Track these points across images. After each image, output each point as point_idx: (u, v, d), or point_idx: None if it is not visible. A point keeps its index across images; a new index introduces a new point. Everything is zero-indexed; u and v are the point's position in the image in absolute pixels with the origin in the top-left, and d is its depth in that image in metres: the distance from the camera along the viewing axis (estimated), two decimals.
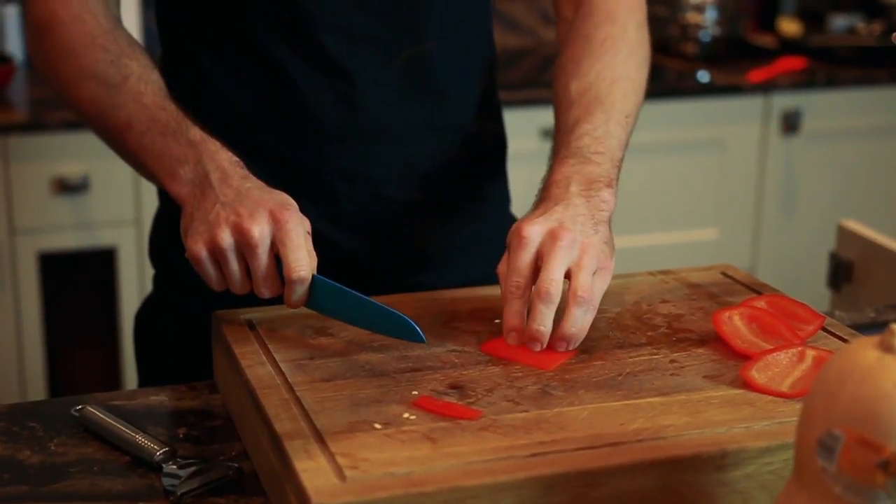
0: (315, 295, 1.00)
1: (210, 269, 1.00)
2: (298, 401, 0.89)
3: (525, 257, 0.98)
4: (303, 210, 1.01)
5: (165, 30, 1.23)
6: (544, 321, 0.97)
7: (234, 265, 0.99)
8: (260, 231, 0.97)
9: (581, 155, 1.07)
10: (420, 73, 1.19)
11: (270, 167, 1.14)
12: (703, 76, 2.77)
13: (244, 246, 0.98)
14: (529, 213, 1.03)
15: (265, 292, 1.00)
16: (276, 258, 0.99)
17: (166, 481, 0.88)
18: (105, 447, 0.95)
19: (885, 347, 0.68)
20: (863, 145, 2.87)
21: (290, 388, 0.92)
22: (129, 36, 1.14)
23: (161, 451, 0.91)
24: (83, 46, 1.10)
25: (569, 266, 0.98)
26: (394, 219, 1.21)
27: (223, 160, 1.03)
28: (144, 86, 1.08)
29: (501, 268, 1.01)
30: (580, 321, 0.97)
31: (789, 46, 3.00)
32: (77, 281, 2.46)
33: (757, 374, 0.93)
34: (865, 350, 0.68)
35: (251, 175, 1.03)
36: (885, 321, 1.27)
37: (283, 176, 1.14)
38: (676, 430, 0.85)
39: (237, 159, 1.04)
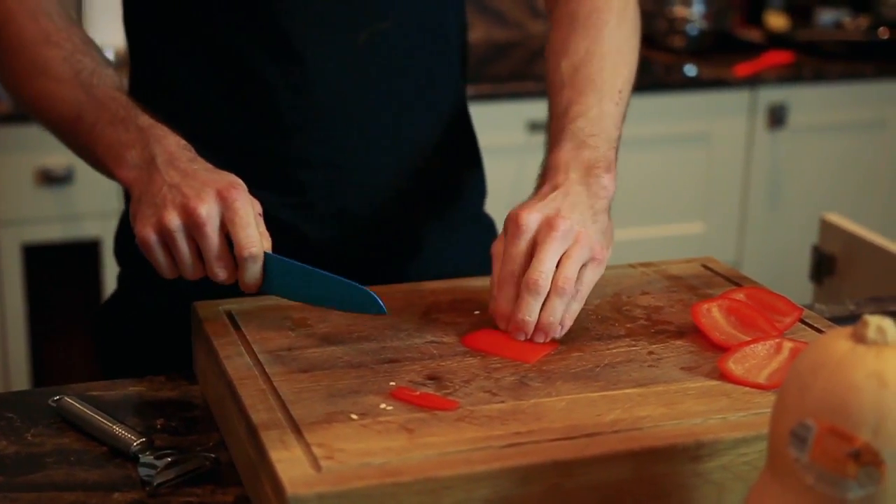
0: (269, 275, 0.98)
1: (160, 255, 0.99)
2: (276, 391, 0.89)
3: (521, 245, 0.98)
4: (269, 200, 1.00)
5: (129, 24, 1.23)
6: (530, 311, 0.97)
7: (183, 247, 0.97)
8: (207, 210, 0.96)
9: (577, 139, 1.06)
10: (379, 54, 1.17)
11: (235, 158, 1.14)
12: (690, 70, 2.77)
13: (192, 226, 0.96)
14: (528, 199, 1.02)
15: (219, 273, 0.98)
16: (229, 241, 0.98)
17: (143, 471, 0.88)
18: (82, 438, 0.95)
19: (858, 338, 0.68)
20: (849, 140, 2.87)
21: (268, 379, 0.91)
22: (83, 34, 1.14)
23: (138, 442, 0.91)
24: (36, 43, 1.10)
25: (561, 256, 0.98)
26: (360, 205, 1.20)
27: (170, 144, 1.02)
28: (97, 79, 1.08)
29: (496, 249, 1.01)
30: (558, 311, 0.97)
31: (776, 40, 3.01)
32: (61, 272, 2.45)
33: (734, 365, 0.93)
34: (839, 341, 0.69)
35: (199, 158, 1.03)
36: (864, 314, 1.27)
37: (249, 166, 1.14)
38: (653, 420, 0.85)
39: (185, 143, 1.04)
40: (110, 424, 0.94)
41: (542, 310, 0.97)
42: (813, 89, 2.80)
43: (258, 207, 1.00)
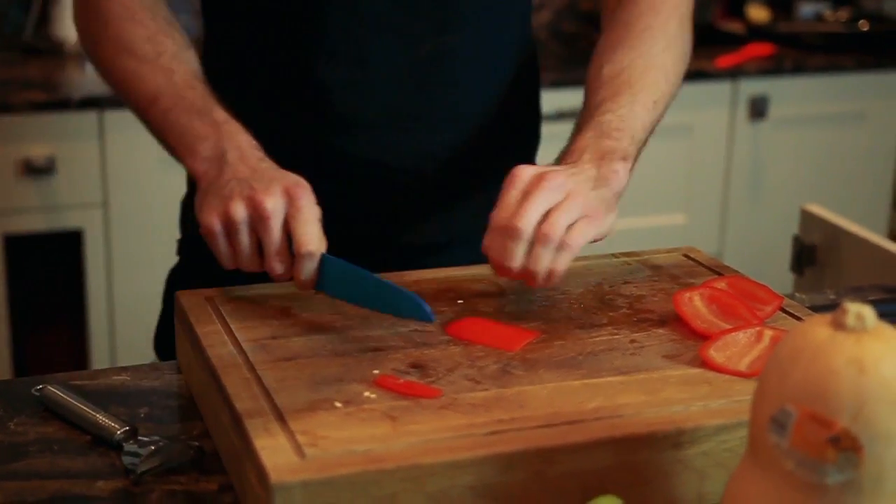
0: (324, 275, 1.00)
1: (222, 244, 1.01)
2: (259, 380, 0.90)
3: (513, 195, 0.98)
4: (320, 188, 1.01)
5: (206, 12, 1.26)
6: (511, 257, 0.97)
7: (245, 239, 1.00)
8: (273, 204, 0.98)
9: (600, 129, 1.07)
10: (441, 66, 1.19)
11: (289, 149, 1.15)
12: None
13: (257, 219, 0.98)
14: None
15: (277, 267, 1.00)
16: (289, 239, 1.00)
17: (126, 460, 0.88)
18: (65, 427, 0.95)
19: (837, 325, 0.69)
20: (829, 131, 2.89)
21: (252, 368, 0.92)
22: (167, 14, 1.16)
23: (122, 431, 0.91)
24: (120, 20, 1.13)
25: (549, 208, 0.98)
26: (406, 206, 1.22)
27: (242, 141, 1.05)
28: (177, 64, 1.11)
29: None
30: (543, 260, 0.97)
31: (757, 32, 3.01)
32: (43, 263, 2.44)
33: (715, 353, 0.94)
34: (818, 328, 0.69)
35: (267, 158, 1.05)
36: None
37: (301, 158, 1.14)
38: (634, 408, 0.86)
39: (255, 142, 1.06)
40: (94, 413, 0.94)
41: (528, 257, 0.97)
42: (794, 81, 2.81)
43: (319, 212, 1.01)
